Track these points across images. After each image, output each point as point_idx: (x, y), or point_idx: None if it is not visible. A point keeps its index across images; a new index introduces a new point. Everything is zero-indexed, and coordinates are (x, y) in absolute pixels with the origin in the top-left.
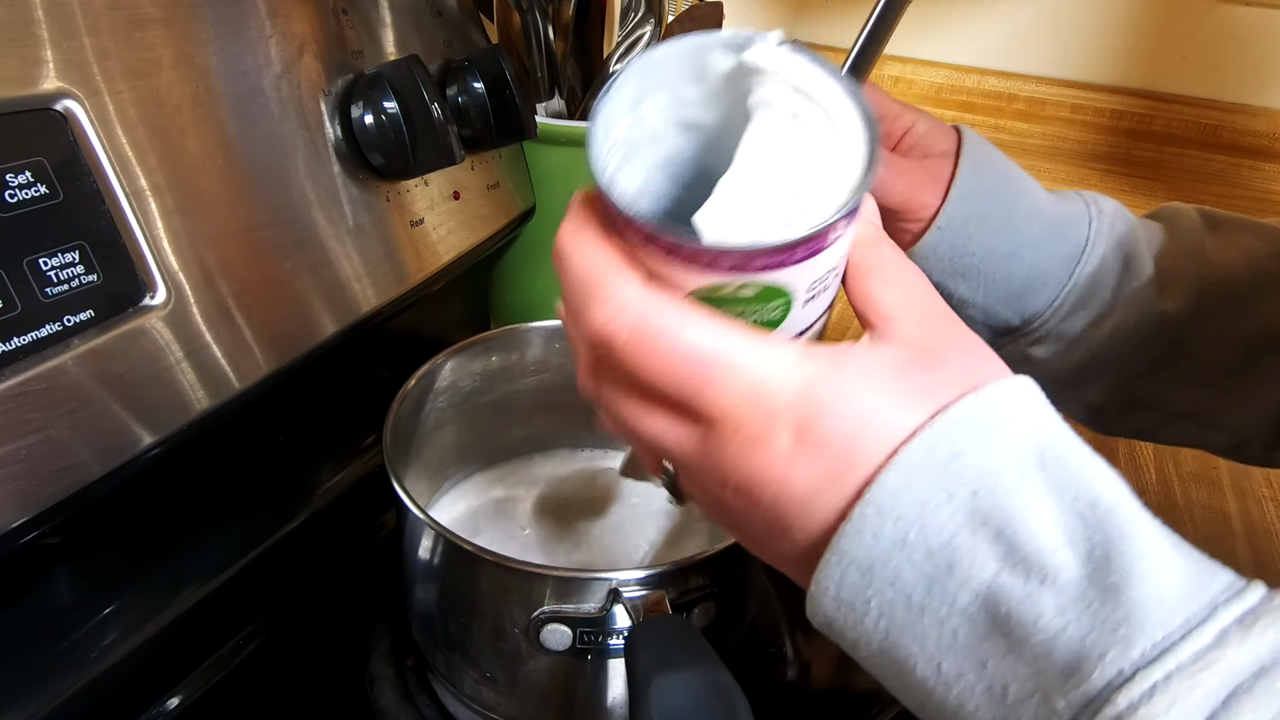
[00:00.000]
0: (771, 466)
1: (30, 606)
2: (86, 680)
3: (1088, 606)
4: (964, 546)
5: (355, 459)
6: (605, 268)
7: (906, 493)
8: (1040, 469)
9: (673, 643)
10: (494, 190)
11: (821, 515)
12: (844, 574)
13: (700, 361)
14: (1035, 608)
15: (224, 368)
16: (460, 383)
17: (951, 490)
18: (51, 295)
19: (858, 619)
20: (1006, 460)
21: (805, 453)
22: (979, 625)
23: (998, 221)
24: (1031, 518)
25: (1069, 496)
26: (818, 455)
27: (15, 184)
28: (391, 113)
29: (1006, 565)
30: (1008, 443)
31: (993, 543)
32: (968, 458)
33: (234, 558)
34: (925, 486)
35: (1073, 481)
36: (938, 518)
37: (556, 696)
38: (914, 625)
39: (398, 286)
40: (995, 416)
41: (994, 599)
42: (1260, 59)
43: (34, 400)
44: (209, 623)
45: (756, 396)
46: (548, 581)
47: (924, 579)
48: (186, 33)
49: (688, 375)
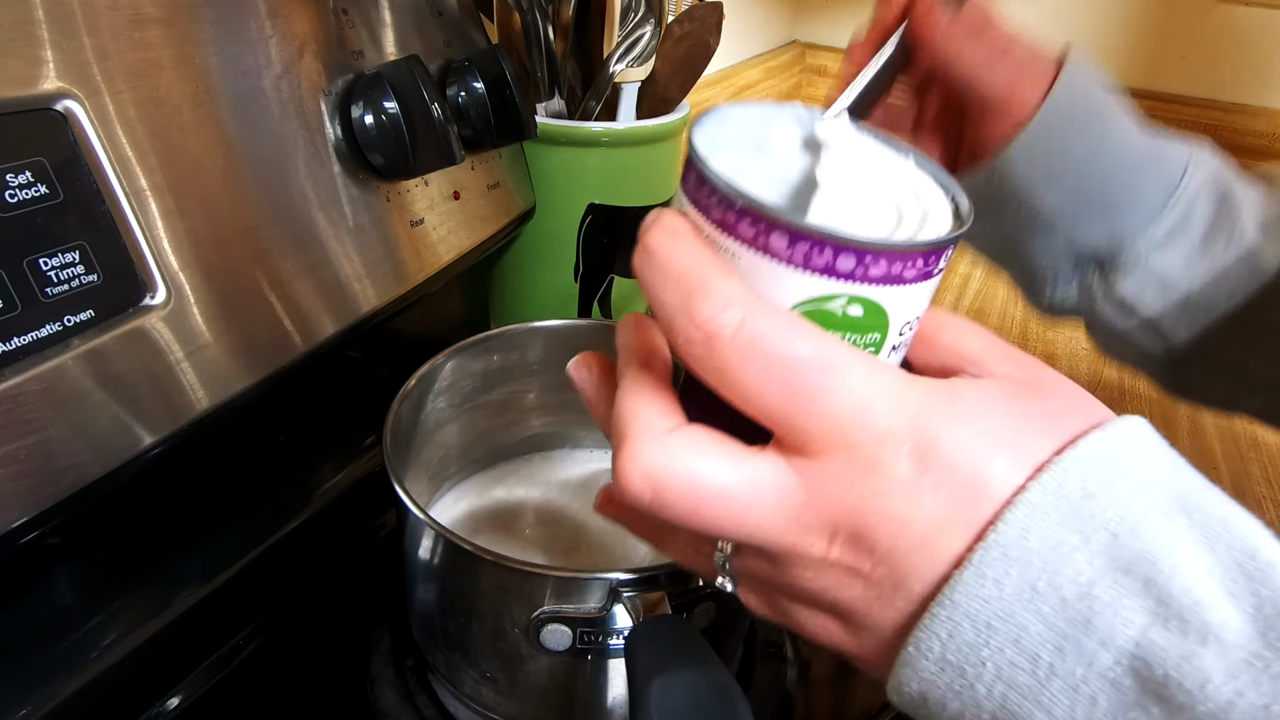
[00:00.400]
0: (890, 497)
1: (30, 606)
2: (86, 680)
3: (1265, 669)
4: (1105, 598)
5: (355, 459)
6: (708, 265)
7: (1036, 533)
8: (1185, 514)
9: (673, 643)
10: (494, 190)
11: (943, 557)
12: (954, 630)
13: (811, 369)
14: (1200, 671)
15: (224, 368)
16: (460, 383)
17: (1087, 533)
18: (51, 295)
19: (967, 684)
20: (1146, 503)
21: (930, 477)
22: (1125, 691)
23: (1095, 131)
24: (1183, 565)
25: (1222, 545)
26: (944, 481)
27: (15, 184)
28: (391, 113)
29: (1158, 620)
30: (1145, 484)
31: (1141, 594)
32: (1103, 498)
33: (234, 558)
34: (1056, 528)
35: (1224, 530)
36: (1073, 563)
37: (556, 696)
38: (1040, 691)
39: (398, 286)
40: (1126, 455)
41: (1144, 659)
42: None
43: (34, 400)
44: (209, 623)
45: (867, 413)
46: (548, 581)
47: (1055, 635)
48: (186, 33)
49: (798, 385)
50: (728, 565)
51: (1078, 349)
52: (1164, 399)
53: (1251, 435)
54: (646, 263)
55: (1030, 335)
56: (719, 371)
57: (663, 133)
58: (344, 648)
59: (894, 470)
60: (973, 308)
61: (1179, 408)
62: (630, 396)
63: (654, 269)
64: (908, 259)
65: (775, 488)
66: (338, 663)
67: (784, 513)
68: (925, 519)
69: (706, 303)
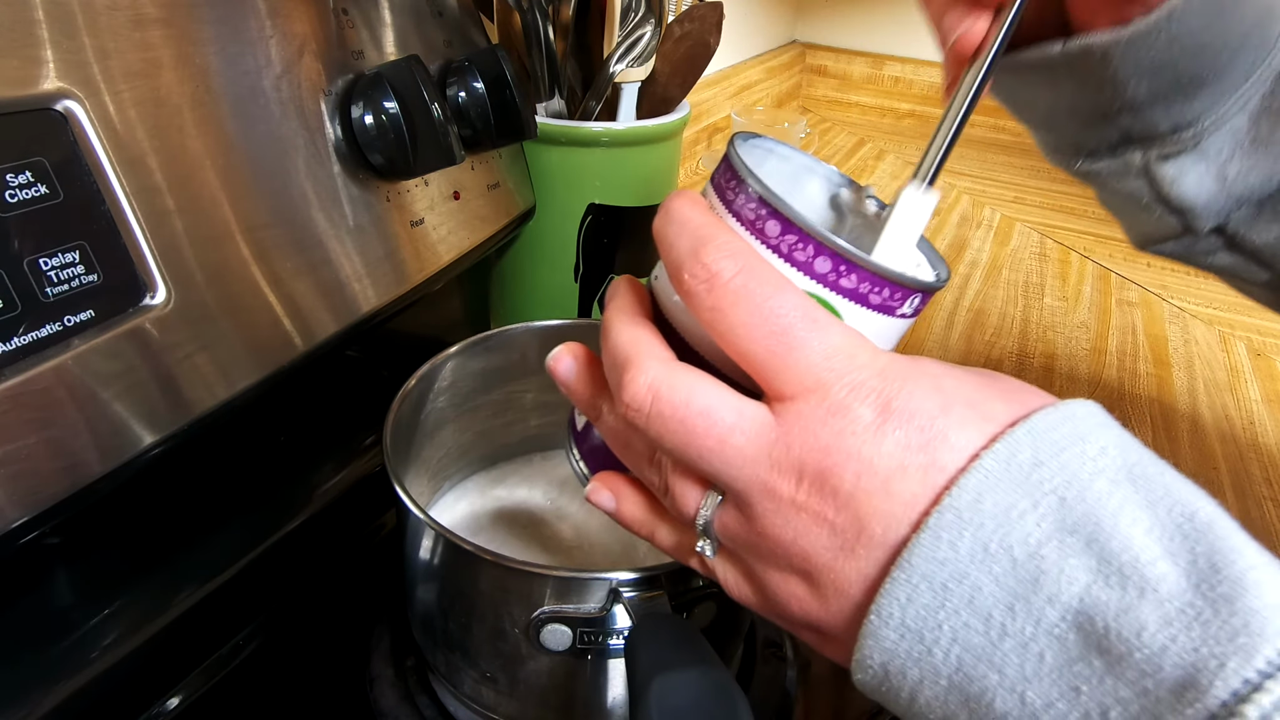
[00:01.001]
0: (855, 437)
1: (30, 606)
2: (86, 680)
3: (1197, 617)
4: (1051, 558)
5: (355, 459)
6: (717, 223)
7: (989, 498)
8: (1130, 481)
9: (673, 643)
10: (494, 190)
11: (903, 498)
12: (913, 593)
13: (796, 319)
14: (1136, 621)
15: (224, 367)
16: (460, 383)
17: (1036, 498)
18: (51, 295)
19: (925, 649)
20: (1094, 470)
21: (892, 424)
22: (1070, 645)
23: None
24: (1124, 526)
25: (1163, 508)
26: (903, 426)
27: (15, 184)
28: (391, 113)
29: (1100, 577)
30: (1094, 454)
31: (1083, 552)
32: (1053, 464)
33: (234, 558)
34: (1008, 493)
35: (1166, 495)
36: (1023, 525)
37: (556, 696)
38: (993, 651)
39: (398, 286)
40: (1077, 428)
41: (1087, 614)
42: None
43: (34, 400)
44: (209, 623)
45: (843, 360)
46: (548, 581)
47: (1006, 595)
48: (186, 33)
49: (783, 329)
50: (710, 528)
51: (1077, 349)
52: (1164, 403)
53: (1251, 435)
54: (666, 220)
55: (1030, 335)
56: (714, 310)
57: (663, 133)
58: (344, 648)
59: (860, 414)
60: (972, 307)
61: (1179, 408)
62: (634, 329)
63: (671, 223)
64: (877, 283)
65: (754, 419)
66: (338, 663)
67: (759, 445)
68: (886, 460)
69: (713, 249)
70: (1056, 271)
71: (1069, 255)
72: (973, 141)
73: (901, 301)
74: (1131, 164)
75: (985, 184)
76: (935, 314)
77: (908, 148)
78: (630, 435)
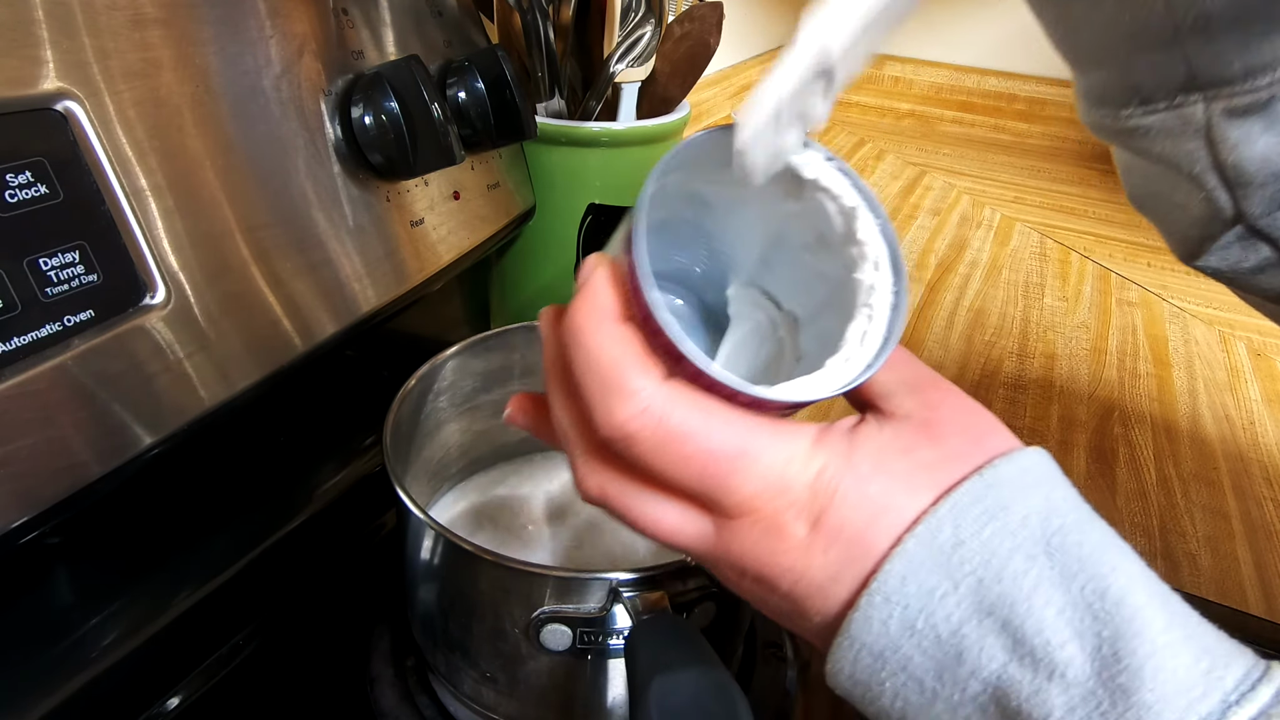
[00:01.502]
0: (789, 555)
1: (30, 606)
2: (86, 680)
3: (1096, 707)
4: (971, 636)
5: (355, 459)
6: (627, 359)
7: (912, 580)
8: (1047, 555)
9: (673, 643)
10: (494, 190)
11: (837, 599)
12: (856, 657)
13: (725, 457)
14: (1044, 704)
15: (224, 367)
16: (460, 383)
17: (956, 579)
18: (51, 295)
19: (874, 697)
20: (1012, 546)
21: (821, 541)
22: (990, 716)
23: None
24: (1037, 608)
25: (1077, 585)
26: (833, 543)
27: (15, 184)
28: (391, 113)
29: (1014, 658)
30: (1013, 528)
31: (999, 633)
32: (972, 544)
33: (234, 558)
34: (930, 575)
35: (1081, 569)
36: (944, 606)
37: (556, 696)
38: (928, 708)
39: (398, 286)
40: (999, 499)
41: (1003, 691)
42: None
43: (34, 400)
44: (209, 623)
45: (775, 488)
46: (548, 581)
47: (935, 665)
48: (186, 33)
49: (713, 473)
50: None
51: (1078, 349)
52: (1164, 403)
53: (1252, 435)
54: (572, 343)
55: (1030, 335)
56: (638, 460)
57: (663, 133)
58: (344, 648)
59: (793, 532)
60: (973, 307)
61: (1179, 408)
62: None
63: (578, 352)
64: (765, 406)
65: (696, 529)
66: (338, 662)
67: (703, 546)
68: (819, 572)
69: (624, 404)
70: (1056, 271)
71: (1069, 255)
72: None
73: (795, 410)
74: (1192, 118)
75: (985, 184)
76: (936, 314)
77: (908, 147)
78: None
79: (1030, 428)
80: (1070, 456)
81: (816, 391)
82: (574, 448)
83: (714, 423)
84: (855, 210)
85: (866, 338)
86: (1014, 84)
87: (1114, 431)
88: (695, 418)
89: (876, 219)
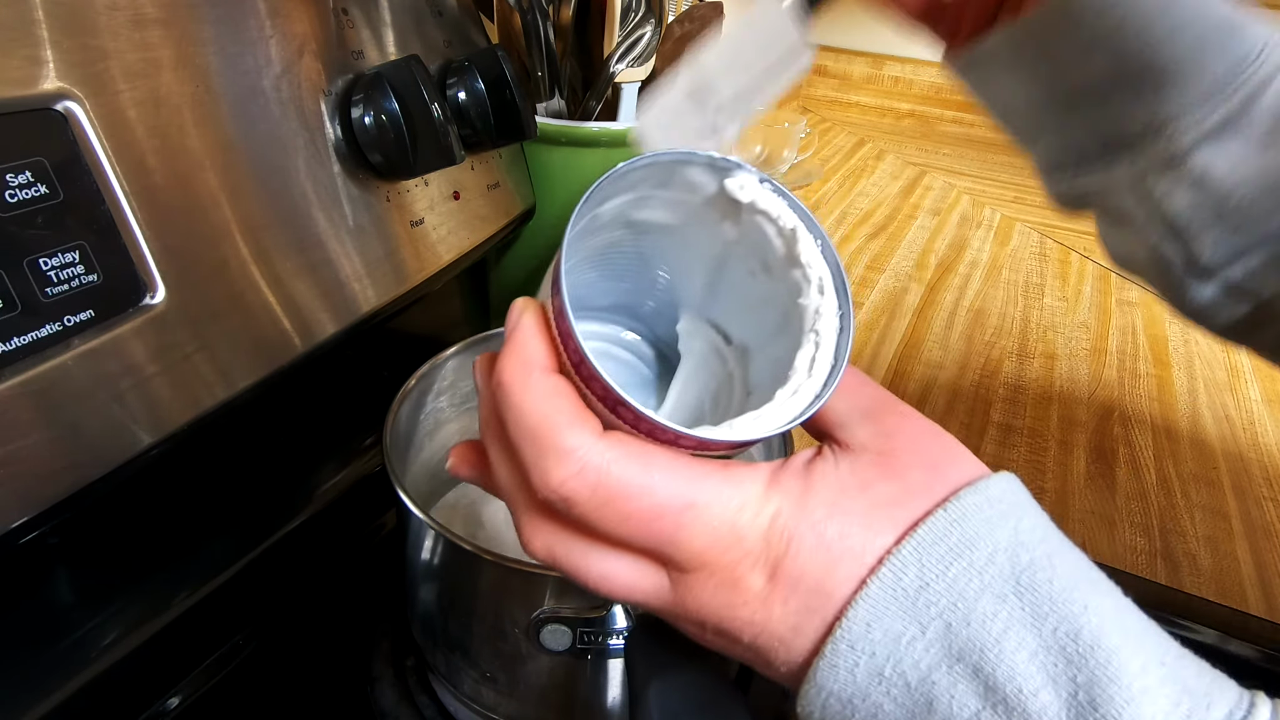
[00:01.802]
0: (747, 608)
1: (30, 606)
2: (86, 680)
3: None
4: (942, 684)
5: (355, 459)
6: (559, 415)
7: (878, 626)
8: (1017, 595)
9: (672, 643)
10: (494, 190)
11: (801, 649)
12: (825, 704)
13: (670, 511)
14: None
15: (224, 367)
16: (460, 383)
17: (924, 623)
18: (51, 295)
19: None
20: (980, 586)
21: (780, 591)
22: None
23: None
24: (1009, 653)
25: (1049, 627)
26: (793, 593)
27: (15, 184)
28: (391, 113)
29: (987, 705)
30: (980, 565)
31: (971, 679)
32: (937, 586)
33: (234, 558)
34: (896, 620)
35: (1053, 609)
36: (912, 652)
37: (556, 696)
38: None
39: (398, 286)
40: (964, 535)
41: None
42: None
43: (34, 400)
44: (209, 623)
45: (727, 539)
46: (548, 581)
47: (905, 713)
48: (186, 33)
49: (659, 529)
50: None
51: (1078, 349)
52: (1164, 403)
53: (1252, 435)
54: (502, 400)
55: (1030, 335)
56: (581, 520)
57: None
58: (344, 648)
59: (750, 584)
60: (973, 308)
61: (1179, 408)
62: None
63: (508, 411)
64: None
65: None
66: (338, 662)
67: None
68: (779, 624)
69: (559, 465)
70: (1056, 271)
71: (1069, 255)
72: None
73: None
74: (1124, 176)
75: (985, 184)
76: (936, 314)
77: (908, 147)
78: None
79: (1030, 428)
80: (1070, 457)
81: (763, 429)
82: (516, 506)
83: (656, 476)
84: (795, 231)
85: (815, 365)
86: None
87: (1114, 431)
88: (635, 472)
89: (817, 240)
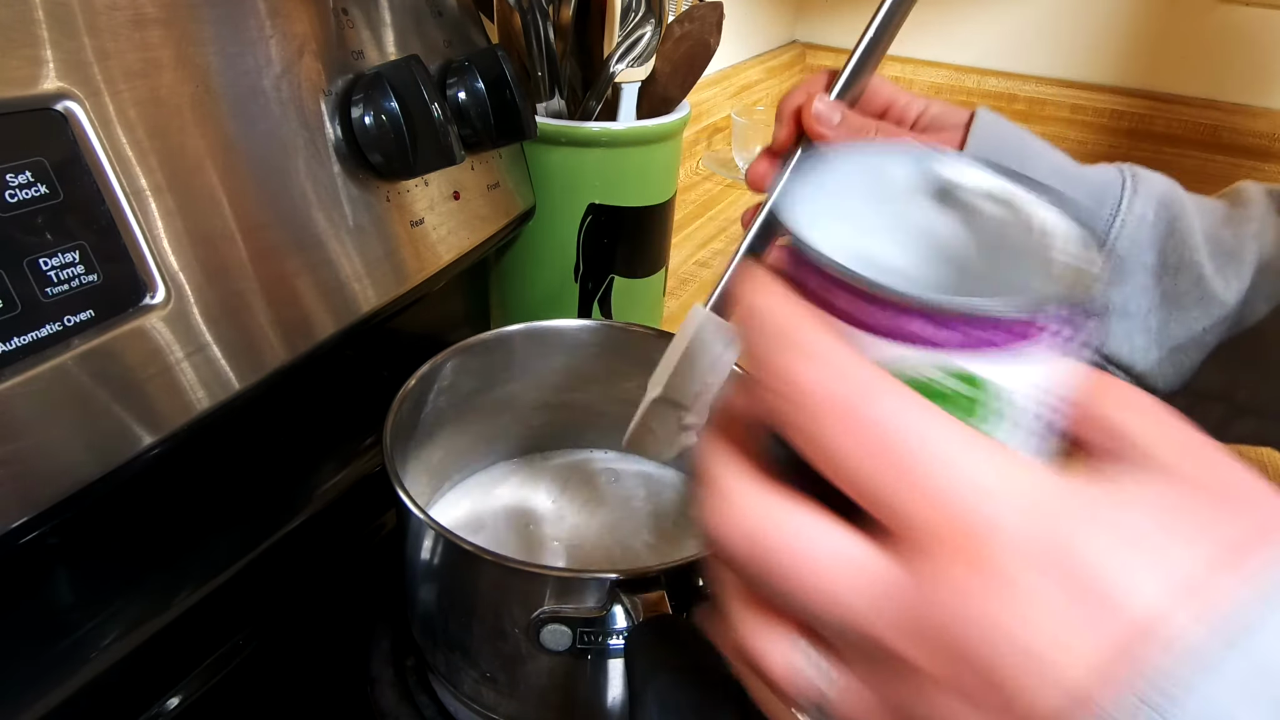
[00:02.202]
0: (1032, 627)
1: (30, 606)
2: (86, 680)
3: None
4: None
5: (355, 459)
6: (800, 317)
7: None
8: None
9: (672, 643)
10: (494, 190)
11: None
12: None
13: (916, 438)
14: None
15: (224, 367)
16: (460, 383)
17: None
18: (51, 295)
19: None
20: None
21: (1083, 613)
22: None
23: (1016, 162)
24: None
25: None
26: (1104, 618)
27: (15, 184)
28: (391, 113)
29: None
30: None
31: None
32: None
33: (234, 558)
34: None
35: None
36: None
37: (556, 696)
38: None
39: (398, 286)
40: None
41: None
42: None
43: (34, 400)
44: (209, 623)
45: (995, 508)
46: (548, 581)
47: None
48: (186, 33)
49: (899, 453)
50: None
51: None
52: None
53: None
54: (742, 316)
55: None
56: (808, 434)
57: (663, 133)
58: (344, 648)
59: (1036, 590)
60: None
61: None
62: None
63: (747, 321)
64: (1021, 328)
65: (870, 577)
66: (338, 662)
67: (880, 596)
68: (1080, 668)
69: (796, 356)
70: None
71: None
72: None
73: (1028, 329)
74: None
75: None
76: None
77: None
78: None
79: None
80: None
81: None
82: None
83: (908, 398)
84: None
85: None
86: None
87: None
88: (883, 384)
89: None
